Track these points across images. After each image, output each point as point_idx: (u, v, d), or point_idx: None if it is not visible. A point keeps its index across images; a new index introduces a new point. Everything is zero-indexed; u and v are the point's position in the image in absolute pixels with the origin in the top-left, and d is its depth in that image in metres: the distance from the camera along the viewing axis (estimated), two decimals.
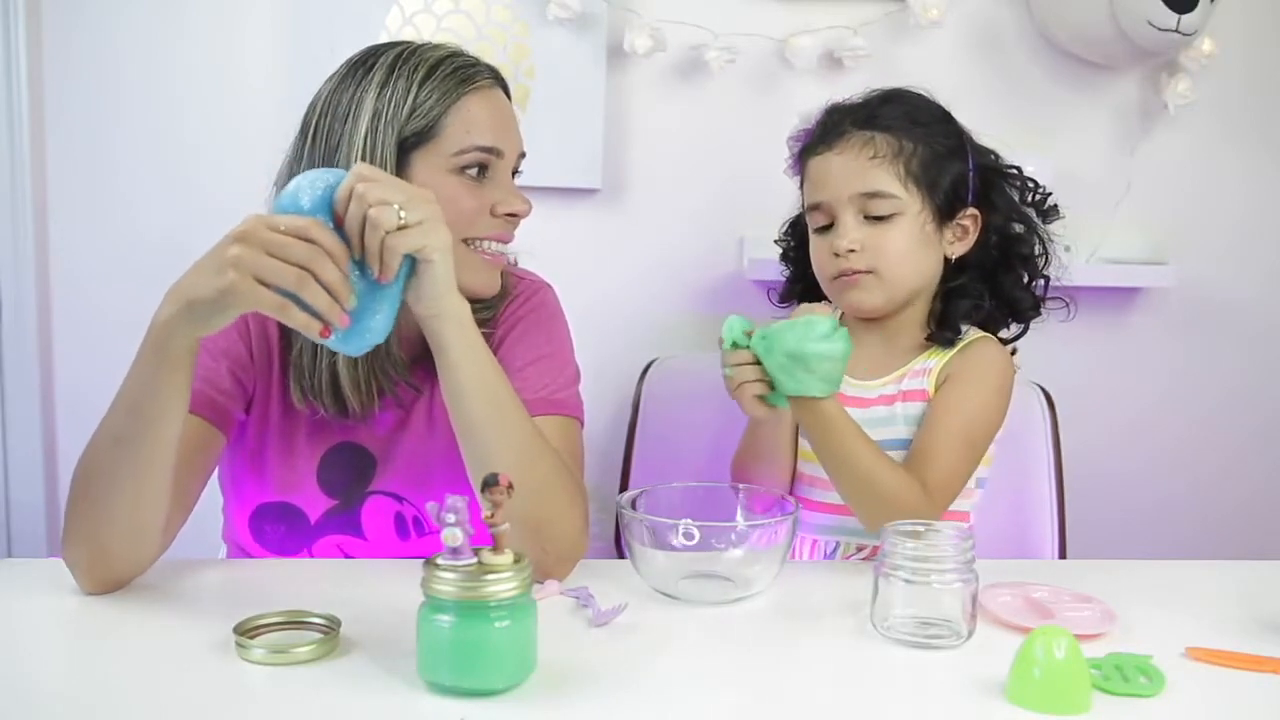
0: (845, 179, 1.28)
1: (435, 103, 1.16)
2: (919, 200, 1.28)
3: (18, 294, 1.89)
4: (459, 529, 0.85)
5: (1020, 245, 1.35)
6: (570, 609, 1.04)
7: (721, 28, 1.86)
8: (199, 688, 0.88)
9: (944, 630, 0.97)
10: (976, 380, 1.28)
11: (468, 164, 1.17)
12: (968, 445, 1.26)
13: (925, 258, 1.31)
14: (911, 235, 1.28)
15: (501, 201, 1.20)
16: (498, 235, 1.20)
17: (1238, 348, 2.05)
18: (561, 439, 1.20)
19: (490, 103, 1.20)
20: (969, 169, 1.32)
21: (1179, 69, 1.93)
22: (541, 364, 1.24)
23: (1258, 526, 2.06)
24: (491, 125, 1.19)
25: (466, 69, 1.19)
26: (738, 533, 1.11)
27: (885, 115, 1.30)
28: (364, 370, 1.19)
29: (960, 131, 1.34)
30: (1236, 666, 0.94)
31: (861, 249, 1.28)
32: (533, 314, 1.29)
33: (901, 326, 1.34)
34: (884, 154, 1.28)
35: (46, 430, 1.92)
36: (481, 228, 1.19)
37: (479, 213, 1.19)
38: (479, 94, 1.19)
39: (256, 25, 1.87)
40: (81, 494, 1.03)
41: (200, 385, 1.15)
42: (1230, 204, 2.02)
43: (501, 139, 1.19)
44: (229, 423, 1.20)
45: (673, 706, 0.87)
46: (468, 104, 1.17)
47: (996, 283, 1.34)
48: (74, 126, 1.89)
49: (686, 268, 1.97)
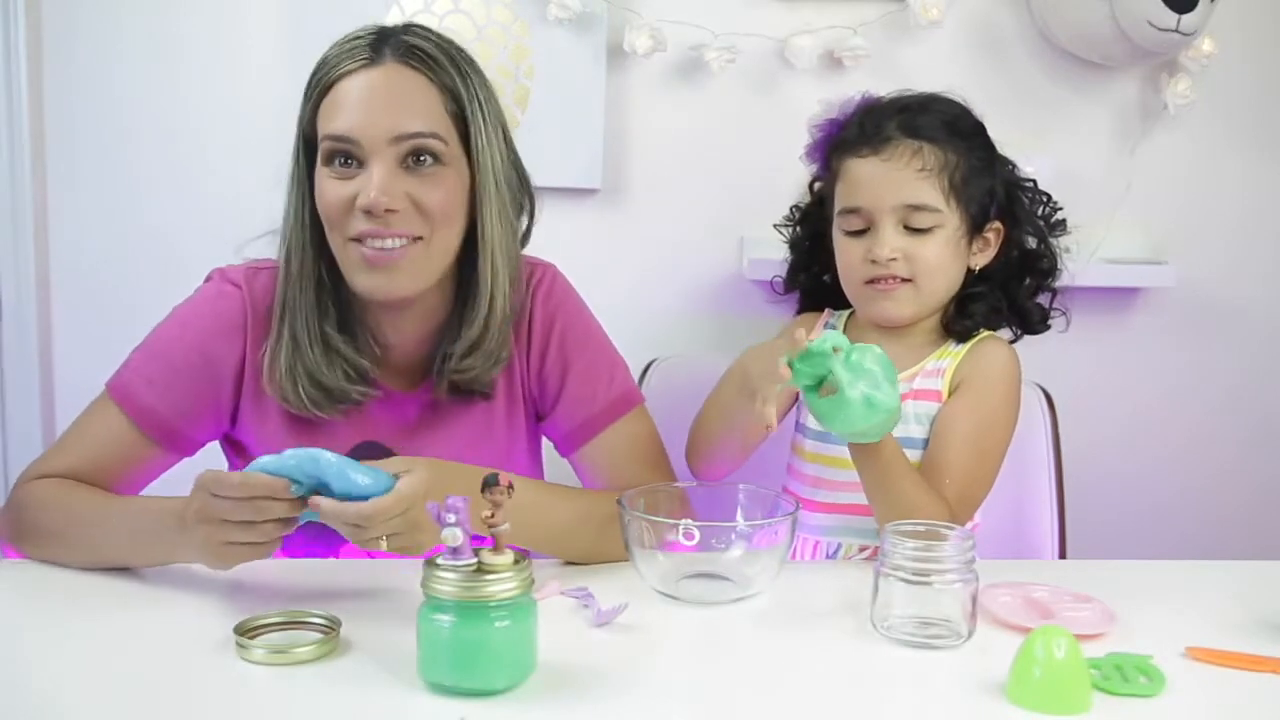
0: (891, 188, 1.27)
1: (311, 106, 1.16)
2: (957, 215, 1.28)
3: (18, 294, 1.89)
4: (459, 529, 0.85)
5: (1039, 260, 1.36)
6: (570, 609, 1.04)
7: (721, 28, 1.86)
8: (199, 688, 0.88)
9: (944, 630, 0.97)
10: (987, 388, 1.28)
11: (328, 156, 1.14)
12: (982, 454, 1.26)
13: (956, 269, 1.31)
14: (947, 248, 1.28)
15: (360, 193, 1.11)
16: (364, 232, 1.12)
17: (1238, 348, 2.05)
18: (637, 433, 1.27)
19: (355, 85, 1.13)
20: (996, 183, 1.33)
21: (1179, 69, 1.93)
22: (590, 368, 1.27)
23: (1258, 526, 2.06)
24: (347, 110, 1.12)
25: (340, 56, 1.14)
26: (738, 532, 1.11)
27: (929, 125, 1.29)
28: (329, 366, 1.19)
29: (990, 143, 1.34)
30: (1236, 666, 0.94)
31: (901, 258, 1.28)
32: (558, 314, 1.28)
33: (915, 329, 1.34)
34: (931, 167, 1.27)
35: (46, 430, 1.92)
36: (351, 226, 1.13)
37: (343, 208, 1.13)
38: (345, 80, 1.13)
39: (256, 25, 1.87)
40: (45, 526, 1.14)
41: (154, 402, 1.18)
42: (1230, 204, 2.02)
43: (355, 124, 1.11)
44: (181, 441, 1.20)
45: (673, 706, 0.87)
46: (332, 93, 1.13)
47: (1011, 293, 1.35)
48: (74, 126, 1.89)
49: (686, 268, 1.97)
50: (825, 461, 1.33)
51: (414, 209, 1.13)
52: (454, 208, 1.16)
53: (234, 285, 1.22)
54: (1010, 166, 1.37)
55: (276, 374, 1.18)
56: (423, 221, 1.14)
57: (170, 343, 1.20)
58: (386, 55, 1.14)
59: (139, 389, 1.18)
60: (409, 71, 1.14)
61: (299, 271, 1.18)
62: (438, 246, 1.16)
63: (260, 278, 1.22)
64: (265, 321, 1.21)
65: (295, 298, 1.18)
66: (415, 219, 1.13)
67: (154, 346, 1.21)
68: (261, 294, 1.21)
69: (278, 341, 1.18)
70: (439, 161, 1.14)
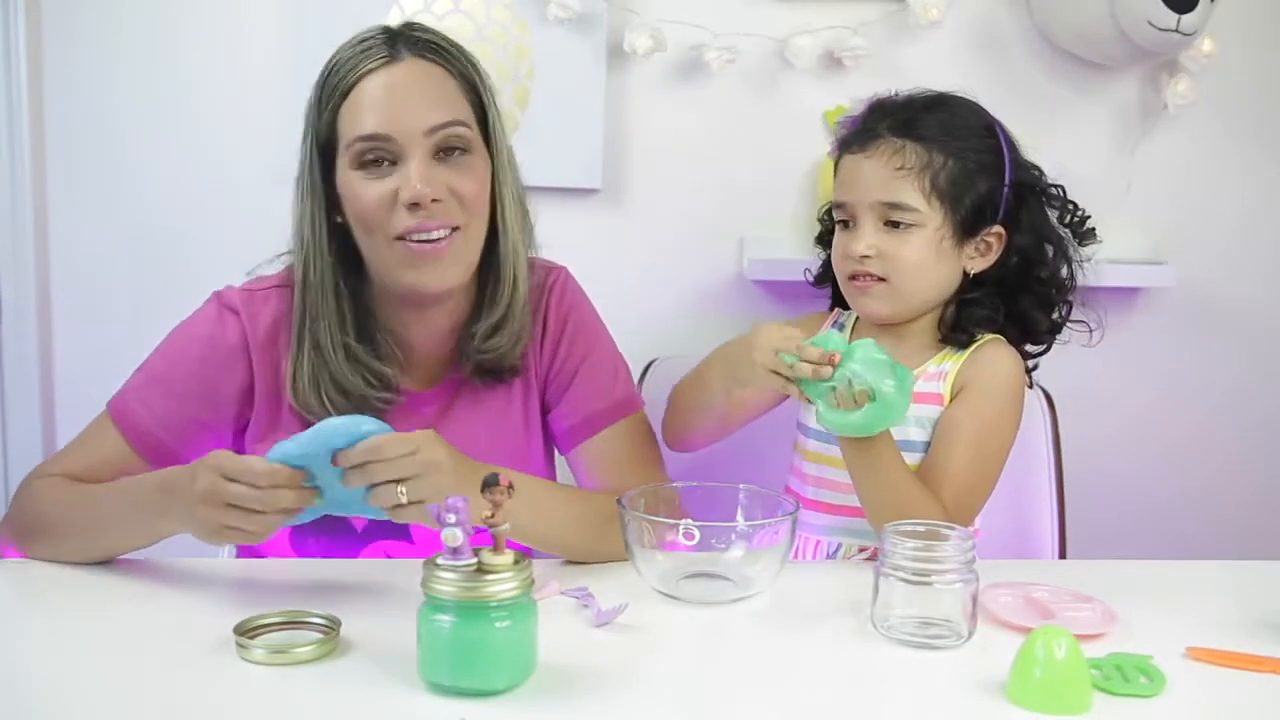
0: (870, 185, 1.28)
1: (330, 108, 1.16)
2: (940, 215, 1.27)
3: (18, 294, 1.89)
4: (459, 529, 0.85)
5: (1039, 268, 1.33)
6: (570, 609, 1.04)
7: (721, 28, 1.86)
8: (199, 688, 0.88)
9: (945, 630, 0.97)
10: (989, 394, 1.27)
11: (359, 158, 1.14)
12: (982, 460, 1.25)
13: (940, 271, 1.30)
14: (927, 249, 1.27)
15: (402, 188, 1.13)
16: (412, 228, 1.14)
17: (1238, 348, 2.05)
18: (636, 436, 1.29)
19: (377, 84, 1.14)
20: (1003, 185, 1.30)
21: (1179, 69, 1.93)
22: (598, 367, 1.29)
23: (1258, 526, 2.06)
24: (374, 109, 1.13)
25: (356, 58, 1.15)
26: (738, 532, 1.11)
27: (923, 124, 1.28)
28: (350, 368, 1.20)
29: (999, 147, 1.31)
30: (1236, 666, 0.94)
31: (877, 255, 1.27)
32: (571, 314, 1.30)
33: (914, 331, 1.33)
34: (911, 166, 1.26)
35: (46, 430, 1.92)
36: (396, 223, 1.14)
37: (384, 206, 1.13)
38: (367, 79, 1.14)
39: (256, 24, 1.87)
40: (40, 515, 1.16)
41: (151, 425, 1.20)
42: (1230, 204, 2.02)
43: (386, 121, 1.13)
44: (175, 461, 1.19)
45: (673, 707, 0.87)
46: (354, 95, 1.14)
47: (1013, 300, 1.33)
48: (74, 125, 1.89)
49: (686, 268, 1.97)
50: (827, 462, 1.33)
51: (453, 198, 1.16)
52: (484, 194, 1.20)
53: (232, 312, 1.22)
54: (1036, 171, 1.34)
55: (300, 385, 1.19)
56: (461, 210, 1.16)
57: (169, 368, 1.22)
58: (403, 51, 1.16)
59: (137, 411, 1.20)
60: (428, 64, 1.17)
61: (319, 281, 1.19)
62: (474, 234, 1.19)
63: (258, 300, 1.23)
64: (268, 342, 1.22)
65: (316, 305, 1.19)
66: (455, 209, 1.16)
67: (153, 370, 1.22)
68: (263, 315, 1.22)
69: (299, 352, 1.19)
70: (468, 151, 1.17)
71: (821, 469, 1.34)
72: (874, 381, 1.10)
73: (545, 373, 1.30)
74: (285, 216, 1.22)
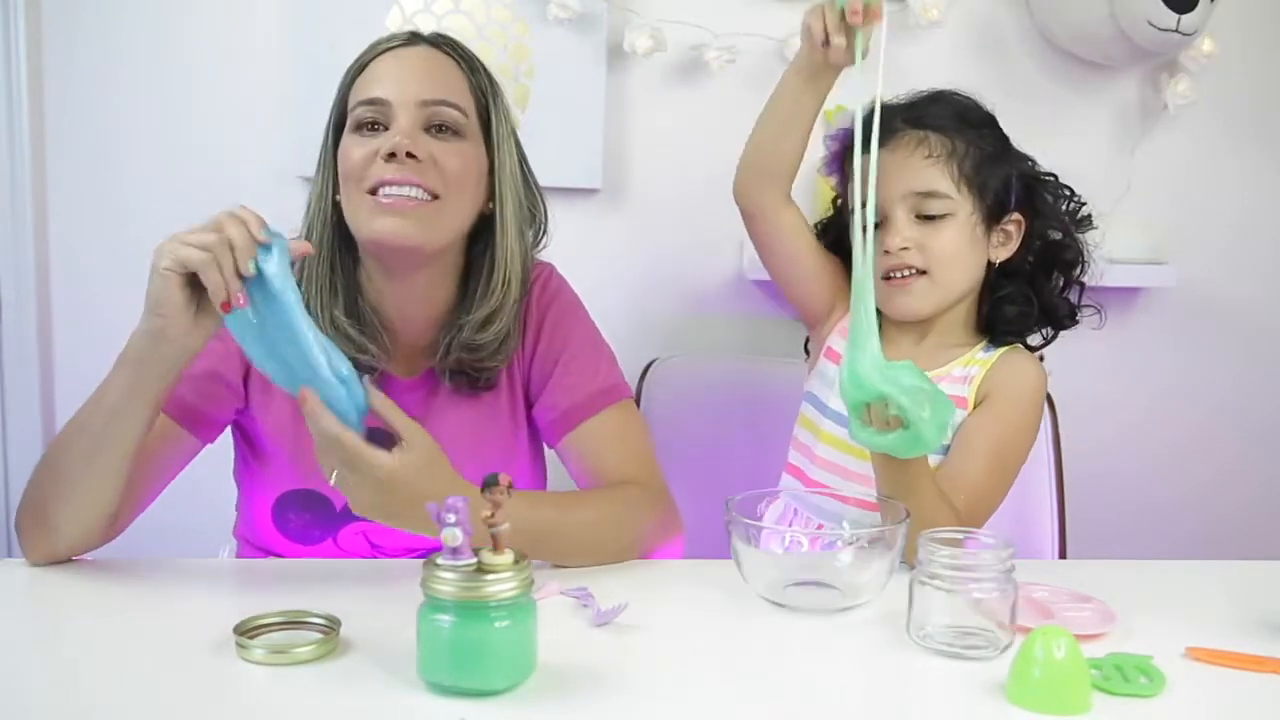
0: (898, 177, 1.27)
1: (345, 85, 1.22)
2: (970, 202, 1.28)
3: (18, 294, 1.89)
4: (459, 529, 0.85)
5: (1063, 252, 1.34)
6: (570, 609, 1.04)
7: (721, 28, 1.86)
8: (199, 688, 0.87)
9: (982, 640, 0.94)
10: (1012, 405, 1.27)
11: (357, 121, 1.19)
12: (1000, 470, 1.25)
13: (973, 260, 1.30)
14: (962, 237, 1.28)
15: (384, 143, 1.17)
16: (384, 179, 1.16)
17: (1238, 348, 2.05)
18: (623, 426, 1.27)
19: (391, 59, 1.21)
20: (1013, 173, 1.32)
21: (1179, 69, 1.93)
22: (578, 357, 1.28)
23: (1258, 526, 2.06)
24: (380, 80, 1.20)
25: (378, 43, 1.23)
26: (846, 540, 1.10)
27: (936, 114, 1.29)
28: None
29: (1004, 136, 1.33)
30: (1236, 666, 0.94)
31: (914, 247, 1.27)
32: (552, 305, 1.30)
33: (939, 328, 1.33)
34: (938, 154, 1.27)
35: (46, 429, 1.92)
36: (372, 174, 1.17)
37: (365, 162, 1.17)
38: (381, 57, 1.22)
39: (257, 25, 1.87)
40: (43, 466, 1.11)
41: (178, 387, 1.16)
42: (1230, 204, 2.02)
43: (389, 88, 1.18)
44: (203, 425, 1.21)
45: (673, 707, 0.86)
46: (368, 70, 1.21)
47: (1037, 288, 1.34)
48: (74, 126, 1.89)
49: (686, 268, 1.97)
50: (847, 450, 1.31)
51: (434, 166, 1.17)
52: (470, 178, 1.21)
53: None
54: (1029, 162, 1.36)
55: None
56: (440, 178, 1.18)
57: None
58: (422, 41, 1.23)
59: None
60: (441, 55, 1.23)
61: (317, 248, 1.21)
62: (450, 209, 1.20)
63: None
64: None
65: (312, 270, 1.22)
66: (433, 173, 1.18)
67: None
68: None
69: None
70: (460, 135, 1.20)
71: (844, 457, 1.32)
72: (910, 409, 1.04)
73: (528, 366, 1.30)
74: (286, 216, 1.22)
